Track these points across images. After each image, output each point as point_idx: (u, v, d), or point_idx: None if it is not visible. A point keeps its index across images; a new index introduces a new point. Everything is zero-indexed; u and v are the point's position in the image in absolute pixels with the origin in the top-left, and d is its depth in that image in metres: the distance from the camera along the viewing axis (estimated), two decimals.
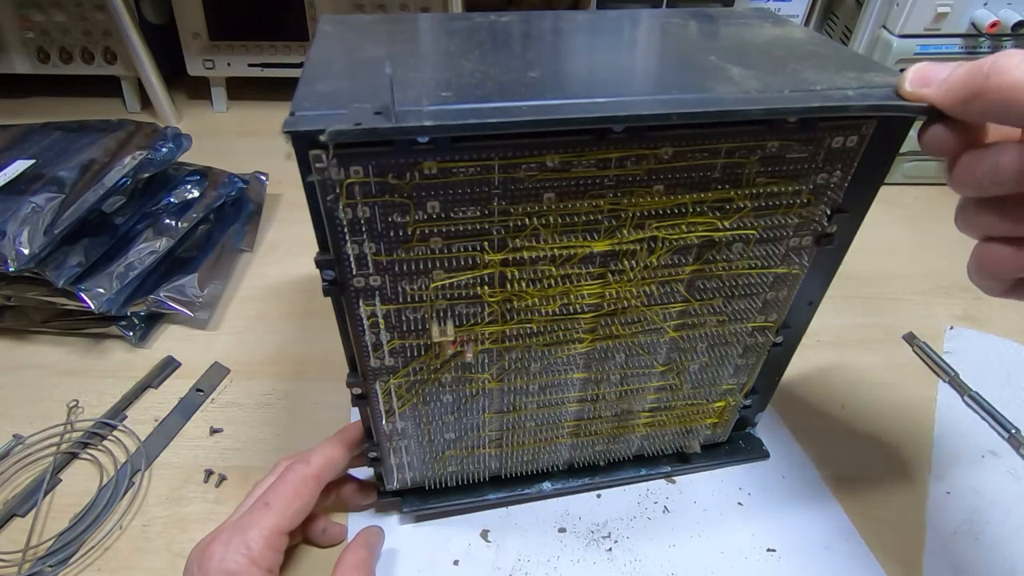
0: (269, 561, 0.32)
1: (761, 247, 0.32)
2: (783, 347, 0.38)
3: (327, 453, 0.36)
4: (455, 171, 0.26)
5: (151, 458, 0.44)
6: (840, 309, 0.58)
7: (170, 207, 0.59)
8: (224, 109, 0.91)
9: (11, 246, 0.48)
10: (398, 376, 0.32)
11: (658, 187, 0.28)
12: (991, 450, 0.46)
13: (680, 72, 0.30)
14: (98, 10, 0.81)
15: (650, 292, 0.32)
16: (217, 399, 0.49)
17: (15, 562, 0.38)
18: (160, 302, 0.54)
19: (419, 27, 0.36)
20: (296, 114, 0.24)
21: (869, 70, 0.29)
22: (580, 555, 0.39)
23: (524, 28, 0.36)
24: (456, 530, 0.40)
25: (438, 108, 0.24)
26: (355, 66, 0.30)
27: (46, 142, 0.59)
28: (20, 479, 0.43)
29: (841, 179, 0.30)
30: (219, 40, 0.84)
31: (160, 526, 0.40)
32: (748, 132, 0.27)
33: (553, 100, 0.25)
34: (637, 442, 0.42)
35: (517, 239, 0.28)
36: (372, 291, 0.29)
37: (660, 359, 0.36)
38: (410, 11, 0.82)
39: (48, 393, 0.49)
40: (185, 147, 0.61)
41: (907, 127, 0.30)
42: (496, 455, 0.39)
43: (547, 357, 0.34)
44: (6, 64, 0.85)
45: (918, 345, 0.53)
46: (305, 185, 0.25)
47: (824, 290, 0.36)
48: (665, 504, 0.42)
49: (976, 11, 0.64)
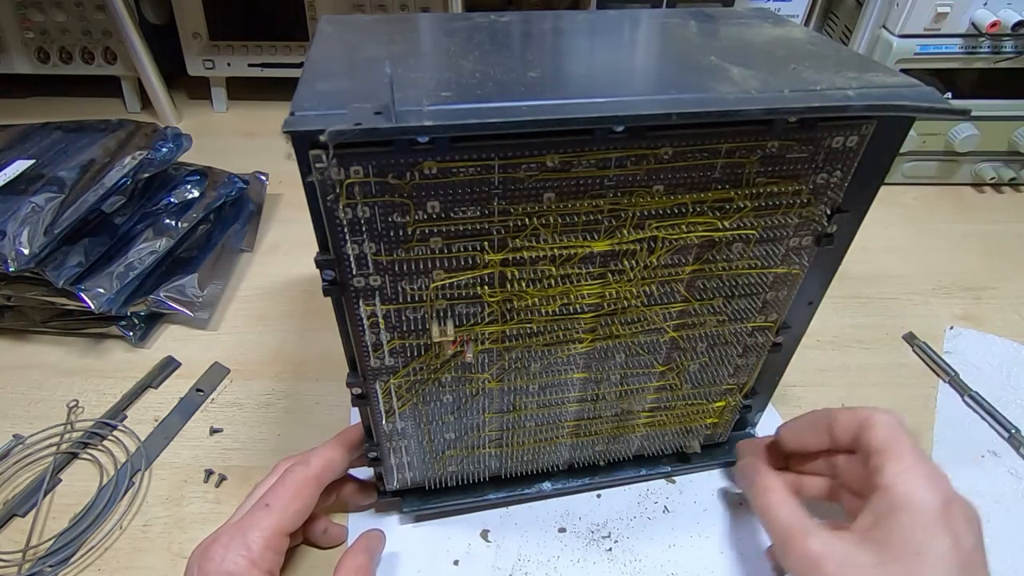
0: (269, 562, 0.32)
1: (761, 247, 0.32)
2: (783, 347, 0.38)
3: (327, 455, 0.36)
4: (455, 171, 0.26)
5: (151, 458, 0.44)
6: (840, 309, 0.58)
7: (170, 207, 0.59)
8: (224, 109, 0.91)
9: (11, 246, 0.48)
10: (398, 376, 0.32)
11: (658, 187, 0.28)
12: (991, 450, 0.46)
13: (680, 72, 0.30)
14: (98, 10, 0.81)
15: (650, 292, 0.32)
16: (217, 399, 0.49)
17: (15, 562, 0.38)
18: (160, 302, 0.54)
19: (419, 27, 0.36)
20: (296, 114, 0.24)
21: (869, 70, 0.29)
22: (580, 555, 0.39)
23: (524, 28, 0.36)
24: (456, 530, 0.40)
25: (438, 108, 0.24)
26: (355, 66, 0.30)
27: (46, 142, 0.59)
28: (20, 479, 0.43)
29: (841, 179, 0.30)
30: (219, 40, 0.84)
31: (160, 526, 0.40)
32: (748, 132, 0.27)
33: (553, 100, 0.25)
34: (637, 442, 0.42)
35: (517, 239, 0.28)
36: (372, 291, 0.29)
37: (660, 359, 0.36)
38: (410, 11, 0.82)
39: (48, 393, 0.49)
40: (185, 147, 0.61)
41: (907, 127, 0.30)
42: (496, 455, 0.39)
43: (547, 357, 0.34)
44: (6, 64, 0.85)
45: (918, 345, 0.53)
46: (305, 185, 0.25)
47: (824, 290, 0.36)
48: (665, 504, 0.42)
49: (976, 11, 0.64)
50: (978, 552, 0.28)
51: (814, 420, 0.35)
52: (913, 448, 0.31)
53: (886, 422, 0.32)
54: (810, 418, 0.36)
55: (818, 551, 0.29)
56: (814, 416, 0.36)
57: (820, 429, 0.35)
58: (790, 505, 0.33)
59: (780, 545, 0.32)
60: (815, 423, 0.35)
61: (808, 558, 0.30)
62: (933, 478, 0.29)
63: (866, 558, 0.28)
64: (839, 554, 0.29)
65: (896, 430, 0.31)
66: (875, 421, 0.32)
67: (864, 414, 0.33)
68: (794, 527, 0.31)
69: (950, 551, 0.27)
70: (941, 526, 0.28)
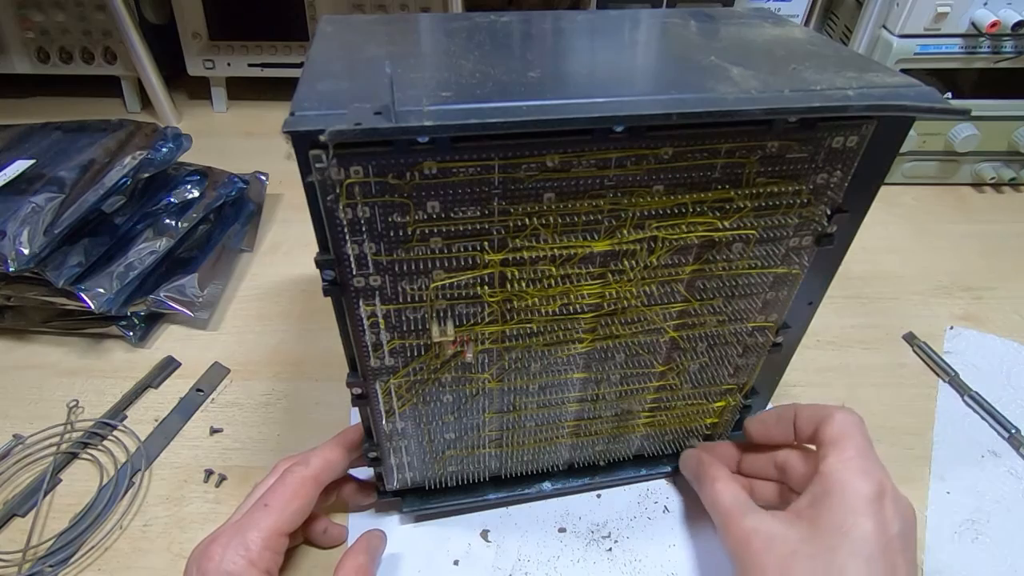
0: (268, 562, 0.32)
1: (761, 247, 0.32)
2: (783, 347, 0.38)
3: (326, 455, 0.36)
4: (455, 171, 0.26)
5: (151, 458, 0.44)
6: (840, 309, 0.58)
7: (170, 207, 0.59)
8: (224, 109, 0.91)
9: (11, 246, 0.48)
10: (398, 376, 0.32)
11: (658, 187, 0.28)
12: (991, 450, 0.46)
13: (680, 72, 0.30)
14: (98, 10, 0.81)
15: (650, 292, 0.32)
16: (217, 399, 0.49)
17: (15, 562, 0.38)
18: (160, 302, 0.54)
19: (419, 27, 0.36)
20: (296, 114, 0.24)
21: (869, 70, 0.29)
22: (580, 555, 0.39)
23: (524, 28, 0.36)
24: (456, 530, 0.40)
25: (438, 108, 0.24)
26: (355, 66, 0.30)
27: (46, 142, 0.59)
28: (20, 479, 0.43)
29: (841, 179, 0.30)
30: (219, 40, 0.84)
31: (160, 526, 0.40)
32: (748, 132, 0.27)
33: (553, 100, 0.25)
34: (637, 442, 0.42)
35: (517, 239, 0.28)
36: (372, 291, 0.29)
37: (660, 359, 0.36)
38: (410, 11, 0.82)
39: (48, 393, 0.49)
40: (185, 147, 0.61)
41: (907, 127, 0.30)
42: (496, 455, 0.39)
43: (547, 357, 0.34)
44: (6, 64, 0.85)
45: (918, 345, 0.54)
46: (305, 185, 0.25)
47: (824, 290, 0.36)
48: (665, 504, 0.42)
49: (976, 11, 0.64)
50: (903, 539, 0.29)
51: (780, 414, 0.36)
52: (861, 444, 0.32)
53: (843, 419, 0.33)
54: (776, 412, 0.37)
55: (749, 527, 0.32)
56: (780, 410, 0.37)
57: (785, 422, 0.36)
58: (732, 489, 0.35)
59: (720, 527, 0.34)
60: (781, 416, 0.36)
61: (740, 535, 0.32)
62: (870, 470, 0.31)
63: (793, 533, 0.30)
64: (768, 530, 0.31)
65: (851, 427, 0.32)
66: (834, 417, 0.33)
67: (826, 410, 0.34)
68: (732, 508, 0.33)
69: (873, 533, 0.29)
70: (870, 511, 0.29)
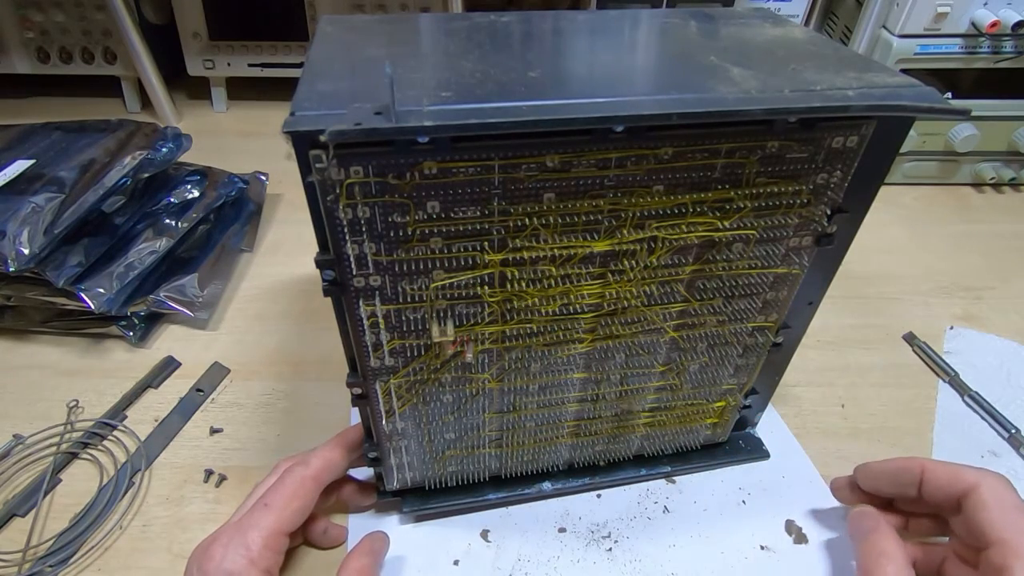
0: (268, 562, 0.32)
1: (761, 247, 0.32)
2: (783, 347, 0.38)
3: (326, 455, 0.36)
4: (455, 171, 0.26)
5: (151, 458, 0.44)
6: (840, 309, 0.58)
7: (170, 207, 0.59)
8: (224, 109, 0.91)
9: (11, 246, 0.48)
10: (398, 376, 0.32)
11: (658, 187, 0.28)
12: (991, 450, 0.46)
13: (680, 72, 0.30)
14: (98, 10, 0.81)
15: (650, 292, 0.32)
16: (217, 399, 0.49)
17: (15, 562, 0.38)
18: (160, 302, 0.54)
19: (419, 27, 0.36)
20: (296, 114, 0.24)
21: (869, 70, 0.29)
22: (580, 555, 0.39)
23: (524, 28, 0.36)
24: (456, 530, 0.40)
25: (438, 108, 0.24)
26: (355, 66, 0.30)
27: (46, 142, 0.59)
28: (20, 479, 0.43)
29: (841, 179, 0.30)
30: (219, 40, 0.84)
31: (160, 526, 0.40)
32: (748, 132, 0.27)
33: (553, 100, 0.25)
34: (637, 442, 0.42)
35: (517, 239, 0.28)
36: (372, 291, 0.29)
37: (660, 359, 0.36)
38: (410, 11, 0.82)
39: (48, 393, 0.49)
40: (185, 147, 0.61)
41: (907, 127, 0.30)
42: (496, 455, 0.39)
43: (547, 357, 0.34)
44: (6, 64, 0.85)
45: (918, 345, 0.54)
46: (305, 185, 0.25)
47: (824, 290, 0.36)
48: (665, 504, 0.42)
49: (976, 11, 0.64)
50: None
51: (902, 468, 0.33)
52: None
53: (998, 499, 0.28)
54: (897, 465, 0.33)
55: None
56: (903, 464, 0.33)
57: (906, 481, 0.32)
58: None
59: None
60: (902, 472, 0.32)
61: None
62: None
63: None
64: None
65: (1012, 512, 0.27)
66: (983, 493, 0.28)
67: (969, 479, 0.29)
68: None
69: None
70: None
